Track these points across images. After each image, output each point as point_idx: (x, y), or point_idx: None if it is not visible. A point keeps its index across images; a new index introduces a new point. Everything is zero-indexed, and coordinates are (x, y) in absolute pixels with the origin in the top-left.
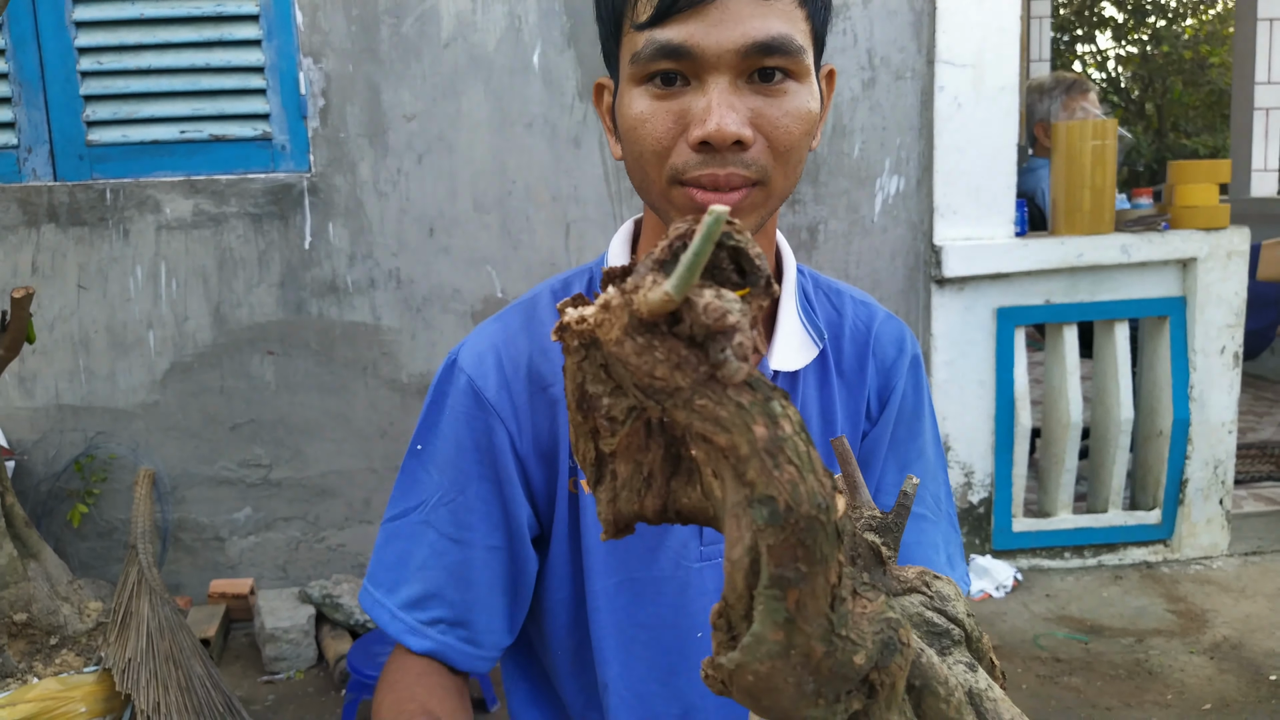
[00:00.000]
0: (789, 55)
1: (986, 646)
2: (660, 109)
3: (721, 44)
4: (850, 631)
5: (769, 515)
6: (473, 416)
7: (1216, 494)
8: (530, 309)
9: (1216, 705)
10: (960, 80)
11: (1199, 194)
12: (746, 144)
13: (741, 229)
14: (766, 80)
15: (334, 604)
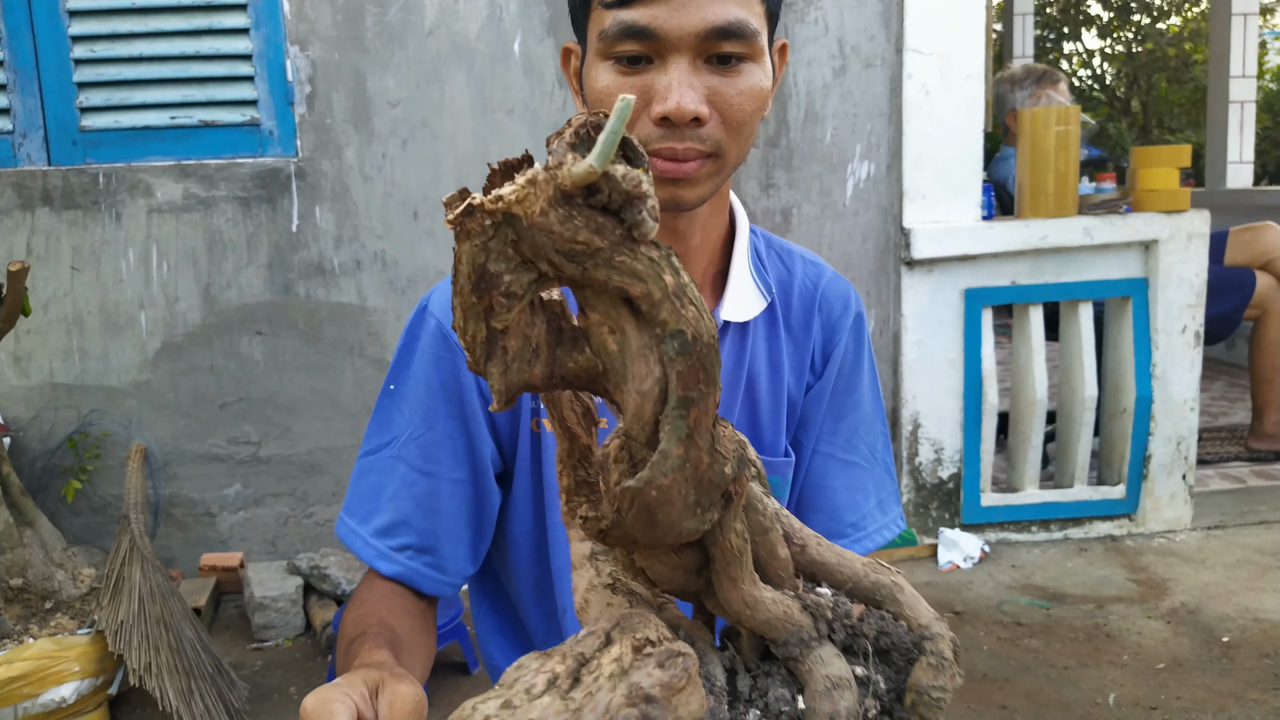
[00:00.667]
0: (745, 39)
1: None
2: (624, 84)
3: (683, 27)
4: (721, 447)
5: (679, 346)
6: (441, 358)
7: (1179, 469)
8: None
9: (1170, 664)
10: (928, 68)
11: (1160, 178)
12: (703, 120)
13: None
14: (724, 62)
15: (321, 575)
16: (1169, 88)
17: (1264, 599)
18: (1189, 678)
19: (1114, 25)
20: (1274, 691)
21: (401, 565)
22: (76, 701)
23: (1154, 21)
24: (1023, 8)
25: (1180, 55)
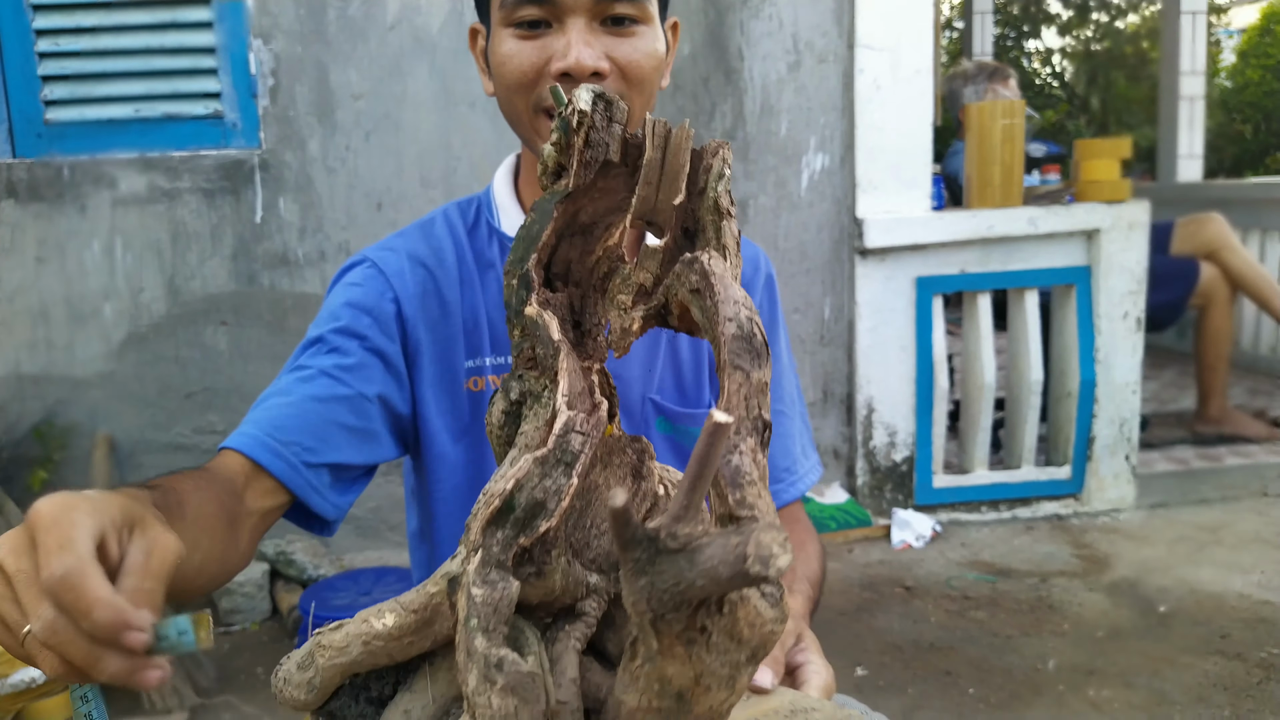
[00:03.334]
0: (635, 3)
1: None
2: (526, 47)
3: None
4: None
5: None
6: (370, 287)
7: (1122, 450)
8: (428, 227)
9: (1109, 633)
10: (878, 64)
11: (1102, 169)
12: (603, 74)
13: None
14: (618, 23)
15: (287, 560)
16: (1127, 85)
17: (1201, 572)
18: (1126, 645)
19: (1073, 23)
20: (1205, 655)
21: (253, 440)
22: (46, 682)
23: (1112, 20)
24: (982, 6)
25: (1138, 53)
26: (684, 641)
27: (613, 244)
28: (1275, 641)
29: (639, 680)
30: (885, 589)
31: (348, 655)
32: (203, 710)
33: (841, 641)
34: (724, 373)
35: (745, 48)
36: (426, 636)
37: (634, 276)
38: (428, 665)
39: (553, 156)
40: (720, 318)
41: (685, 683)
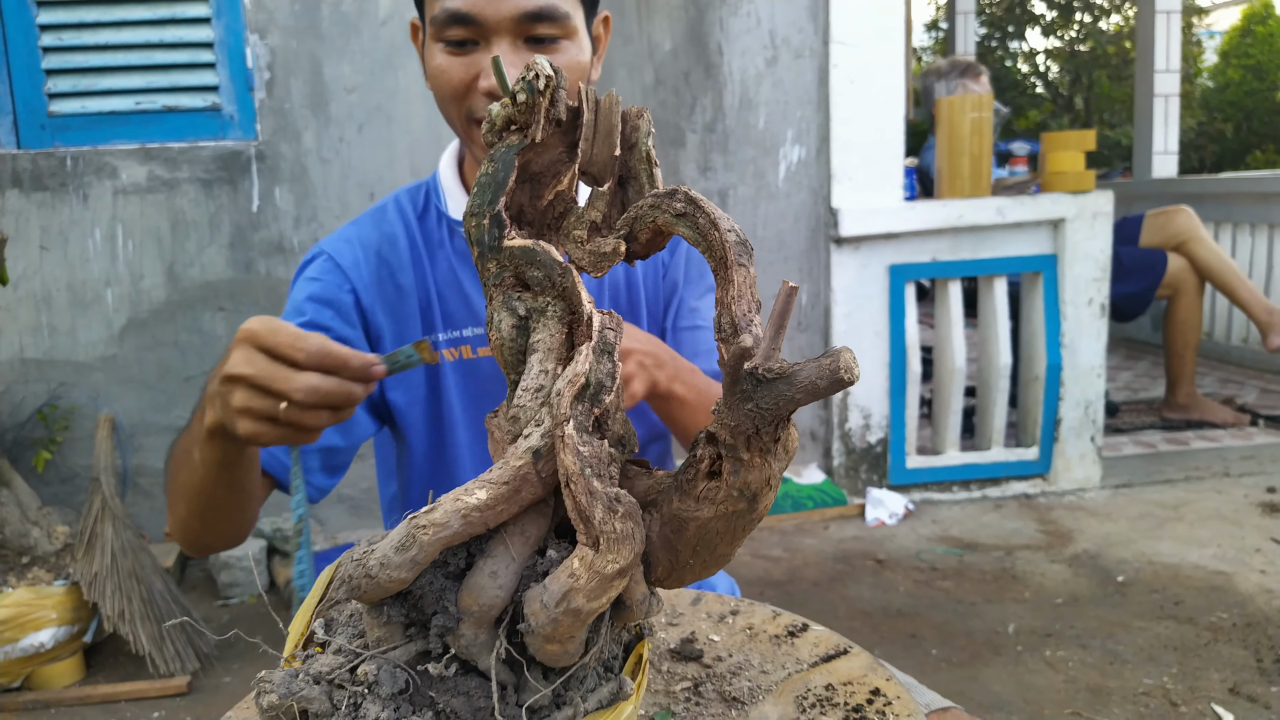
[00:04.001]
0: (557, 21)
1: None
2: (456, 63)
3: (500, 13)
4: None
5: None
6: (328, 280)
7: (1088, 432)
8: (380, 214)
9: (1068, 600)
10: (852, 59)
11: (1067, 161)
12: None
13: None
14: (540, 43)
15: (284, 537)
16: (1110, 84)
17: (1160, 545)
18: (1083, 610)
19: (1057, 24)
20: (1158, 620)
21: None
22: (54, 647)
23: (1095, 20)
24: (964, 6)
25: (1120, 53)
26: (761, 453)
27: (563, 189)
28: (1225, 607)
29: (719, 492)
30: (858, 562)
31: (449, 529)
32: (203, 674)
33: (813, 609)
34: (731, 269)
35: (725, 44)
36: (515, 504)
37: (586, 215)
38: (501, 532)
39: (502, 115)
40: (721, 229)
41: (759, 486)
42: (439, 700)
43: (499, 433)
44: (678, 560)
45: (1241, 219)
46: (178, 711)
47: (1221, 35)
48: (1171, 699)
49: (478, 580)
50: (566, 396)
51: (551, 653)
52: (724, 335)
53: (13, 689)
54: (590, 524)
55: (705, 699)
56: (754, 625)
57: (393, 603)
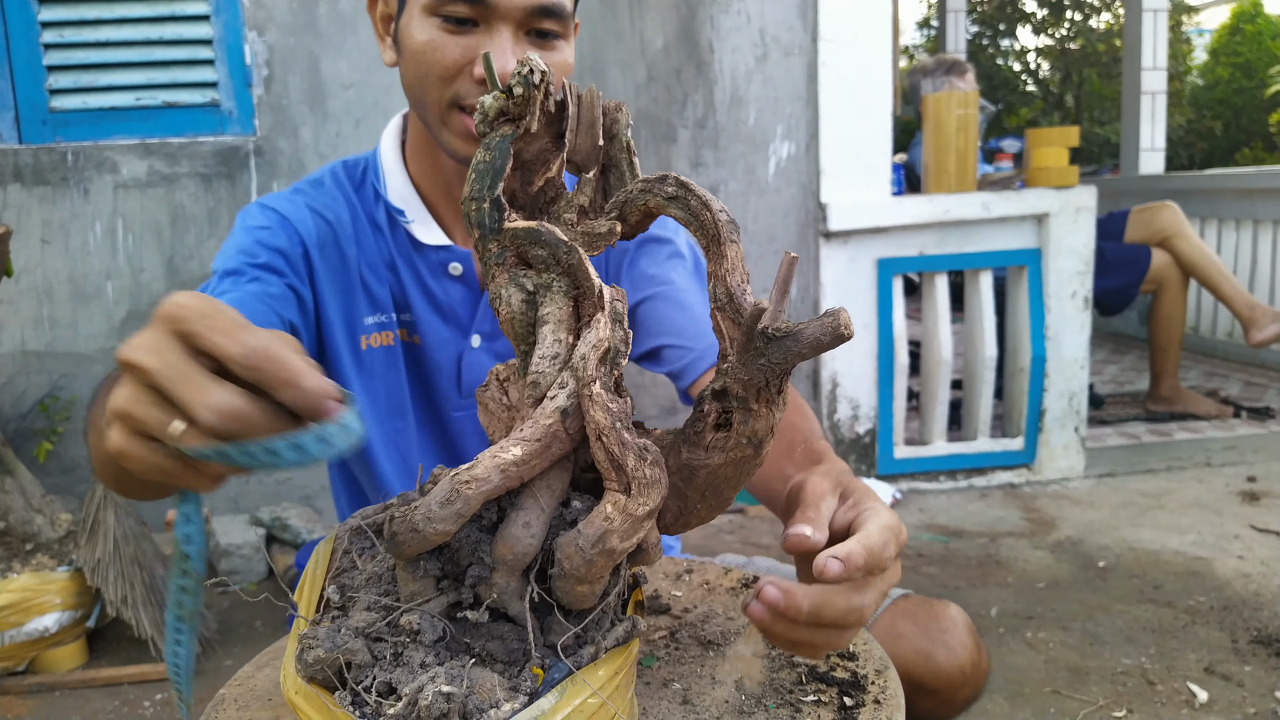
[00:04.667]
0: (562, 20)
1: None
2: (450, 41)
3: (514, 1)
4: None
5: None
6: (279, 231)
7: (1072, 423)
8: (318, 185)
9: (1049, 584)
10: (841, 57)
11: (1051, 156)
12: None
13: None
14: (542, 37)
15: (282, 525)
16: (1100, 82)
17: (1141, 532)
18: (1064, 594)
19: (1047, 22)
20: (1138, 603)
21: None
22: (58, 632)
23: (1086, 18)
24: (956, 4)
25: (1110, 51)
26: (768, 403)
27: (552, 175)
28: (1203, 591)
29: (729, 440)
30: None
31: (489, 483)
32: (204, 658)
33: None
34: (724, 245)
35: (715, 41)
36: (545, 459)
37: (575, 199)
38: (530, 486)
39: (494, 106)
40: (713, 209)
41: (764, 433)
42: (474, 645)
43: (494, 404)
44: (686, 505)
45: (1226, 215)
46: None
47: (1211, 33)
48: (1149, 678)
49: (512, 531)
50: (592, 360)
51: (581, 594)
52: (720, 304)
53: (17, 672)
54: (623, 471)
55: (682, 644)
56: (710, 580)
57: (429, 557)
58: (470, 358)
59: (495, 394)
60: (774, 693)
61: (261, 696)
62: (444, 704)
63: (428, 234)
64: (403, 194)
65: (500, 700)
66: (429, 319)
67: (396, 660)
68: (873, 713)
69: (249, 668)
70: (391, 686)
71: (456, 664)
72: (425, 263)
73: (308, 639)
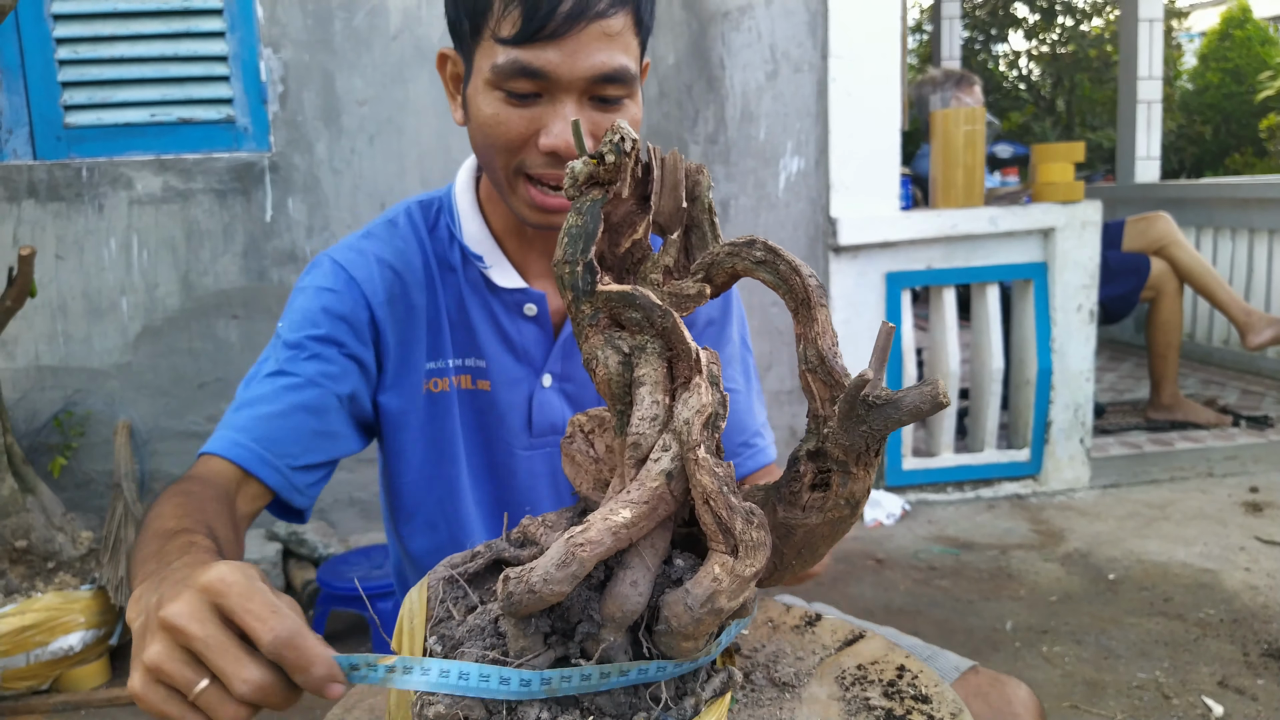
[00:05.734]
0: (626, 84)
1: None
2: (514, 114)
3: (575, 72)
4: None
5: None
6: (344, 293)
7: (1077, 434)
8: (392, 228)
9: (1061, 597)
10: (850, 73)
11: (1057, 172)
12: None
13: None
14: (605, 102)
15: (299, 540)
16: (1091, 87)
17: (1148, 544)
18: (1077, 607)
19: (1039, 27)
20: (1149, 616)
21: (247, 451)
22: (82, 650)
23: (1077, 24)
24: (950, 11)
25: (1102, 56)
26: (866, 467)
27: (639, 237)
28: (1213, 603)
29: (828, 501)
30: (858, 561)
31: (603, 545)
32: None
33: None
34: (814, 309)
35: (726, 58)
36: (652, 520)
37: (661, 260)
38: (635, 546)
39: (584, 171)
40: (803, 274)
41: (861, 494)
42: (583, 701)
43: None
44: (781, 562)
45: (1222, 224)
46: None
47: (1200, 38)
48: (1164, 692)
49: (620, 589)
50: (696, 425)
51: (686, 649)
52: (810, 366)
53: (42, 691)
54: (730, 534)
55: (758, 686)
56: (773, 619)
57: (540, 615)
58: (541, 396)
59: (581, 445)
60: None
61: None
62: None
63: (505, 278)
64: (478, 238)
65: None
66: (501, 359)
67: (511, 715)
68: None
69: (337, 710)
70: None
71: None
72: (500, 303)
73: (428, 696)
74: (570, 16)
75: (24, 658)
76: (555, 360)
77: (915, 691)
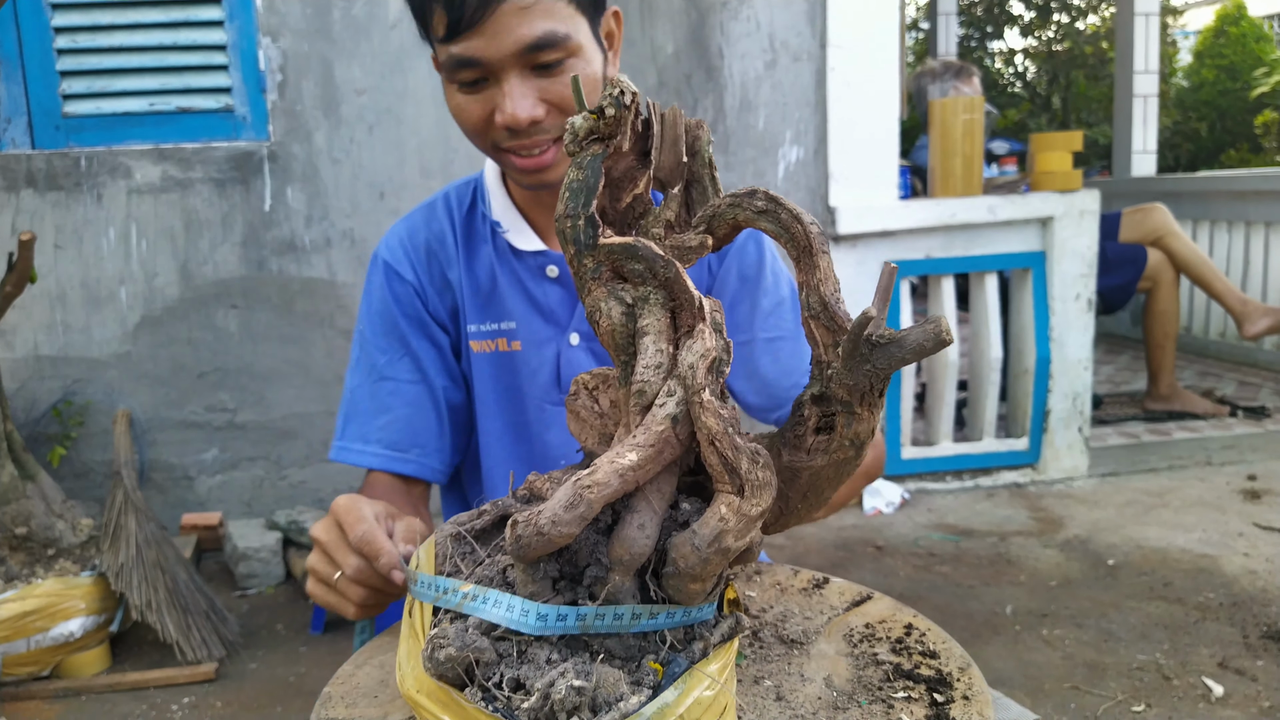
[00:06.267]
0: (558, 46)
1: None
2: (470, 101)
3: (502, 51)
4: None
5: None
6: (401, 293)
7: (1076, 423)
8: (431, 210)
9: (1061, 582)
10: (848, 63)
11: (1055, 161)
12: (539, 120)
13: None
14: (548, 68)
15: (299, 529)
16: (1087, 84)
17: (1147, 530)
18: (1077, 592)
19: (1035, 24)
20: (1149, 600)
21: (386, 463)
22: (83, 636)
23: (1073, 21)
24: (946, 7)
25: (1097, 53)
26: (870, 407)
27: (640, 192)
28: (1212, 588)
29: (832, 443)
30: (858, 549)
31: (610, 488)
32: (229, 661)
33: None
34: (816, 256)
35: (725, 47)
36: (658, 463)
37: (662, 215)
38: (642, 490)
39: (584, 126)
40: (804, 222)
41: (865, 435)
42: (593, 643)
43: (585, 412)
44: (787, 506)
45: (1219, 216)
46: (207, 697)
47: (1196, 35)
48: (1164, 673)
49: (628, 533)
50: (701, 369)
51: (693, 591)
52: (814, 313)
53: (43, 677)
54: (736, 473)
55: (766, 643)
56: (780, 581)
57: (549, 559)
58: (569, 355)
59: (585, 401)
60: (864, 690)
61: (367, 694)
62: (576, 697)
63: (524, 241)
64: (501, 208)
65: (626, 694)
66: (529, 319)
67: (521, 658)
68: (964, 708)
69: (348, 666)
70: (520, 682)
71: (581, 660)
72: (524, 268)
73: (438, 639)
74: (482, 3)
75: (25, 643)
76: (581, 319)
77: (924, 647)
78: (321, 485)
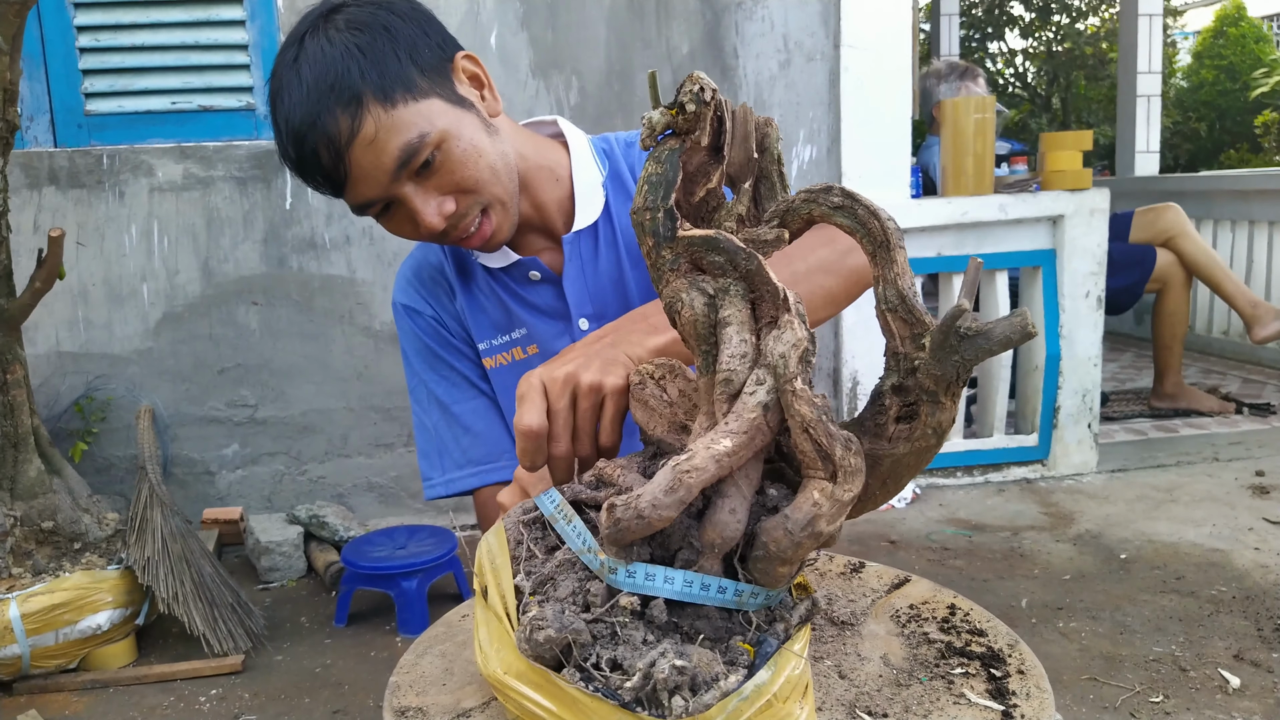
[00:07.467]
0: (420, 151)
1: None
2: (394, 224)
3: (379, 184)
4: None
5: None
6: (420, 326)
7: (1085, 419)
8: (425, 248)
9: (1075, 576)
10: (862, 63)
11: (1066, 160)
12: (449, 214)
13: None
14: (428, 164)
15: (320, 523)
16: (1087, 85)
17: (1157, 525)
18: (1090, 585)
19: (1035, 25)
20: (1162, 593)
21: (483, 478)
22: (110, 629)
23: (1073, 22)
24: (948, 9)
25: (1097, 54)
26: (952, 396)
27: (713, 187)
28: (1224, 581)
29: (916, 431)
30: (872, 543)
31: (707, 473)
32: (255, 654)
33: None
34: (894, 250)
35: (740, 47)
36: (750, 450)
37: (735, 208)
38: (733, 475)
39: (661, 122)
40: (881, 218)
41: (947, 423)
42: (683, 624)
43: (654, 400)
44: (867, 492)
45: (1222, 215)
46: (235, 689)
47: (1195, 36)
48: (1180, 665)
49: (720, 517)
50: (793, 359)
51: (781, 575)
52: (891, 306)
53: (70, 670)
54: (830, 459)
55: (817, 625)
56: (819, 567)
57: (641, 543)
58: (581, 338)
59: (654, 390)
60: (921, 667)
61: (434, 682)
62: (678, 677)
63: (499, 259)
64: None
65: (722, 673)
66: (536, 323)
67: (615, 639)
68: (1020, 682)
69: (410, 656)
70: (617, 663)
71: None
72: (512, 280)
73: (537, 620)
74: (333, 163)
75: (52, 636)
76: (582, 303)
77: (970, 626)
78: (341, 480)
